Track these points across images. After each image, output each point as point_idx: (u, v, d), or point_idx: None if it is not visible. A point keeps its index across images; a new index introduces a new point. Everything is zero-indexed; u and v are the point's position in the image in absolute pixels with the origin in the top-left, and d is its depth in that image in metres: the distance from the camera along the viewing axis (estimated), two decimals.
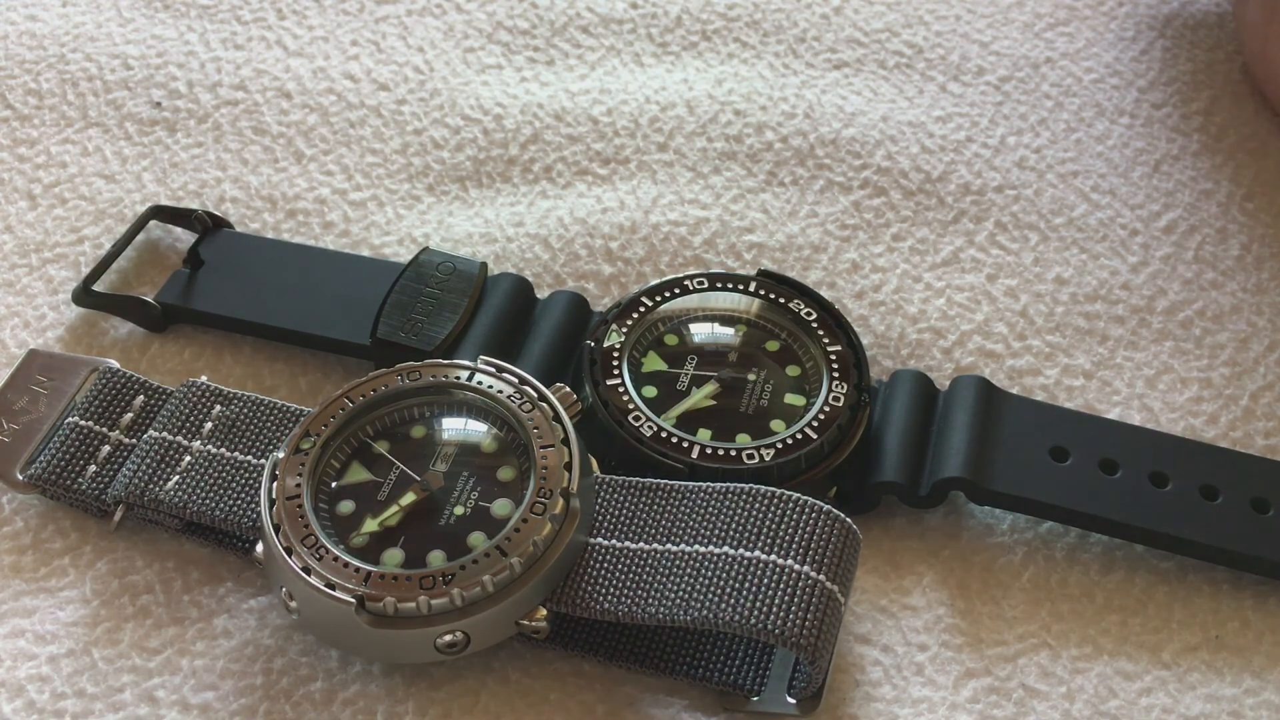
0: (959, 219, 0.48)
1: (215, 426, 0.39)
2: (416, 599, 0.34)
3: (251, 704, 0.36)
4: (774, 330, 0.43)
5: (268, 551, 0.36)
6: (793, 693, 0.36)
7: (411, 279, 0.44)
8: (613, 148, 0.50)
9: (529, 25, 0.54)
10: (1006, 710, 0.37)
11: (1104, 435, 0.41)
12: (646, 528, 0.37)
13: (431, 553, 0.36)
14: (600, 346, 0.41)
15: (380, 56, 0.53)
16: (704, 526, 0.36)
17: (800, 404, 0.41)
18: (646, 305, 0.43)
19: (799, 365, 0.42)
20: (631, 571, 0.36)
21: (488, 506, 0.37)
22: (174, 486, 0.38)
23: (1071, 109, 0.52)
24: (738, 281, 0.43)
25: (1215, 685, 0.37)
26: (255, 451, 0.39)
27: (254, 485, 0.38)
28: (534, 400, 0.38)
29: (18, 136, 0.51)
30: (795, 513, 0.36)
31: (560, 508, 0.36)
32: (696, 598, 0.35)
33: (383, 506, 0.37)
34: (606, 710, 0.37)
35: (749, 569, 0.35)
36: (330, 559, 0.35)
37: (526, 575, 0.35)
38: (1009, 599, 0.39)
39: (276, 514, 0.36)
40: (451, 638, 0.35)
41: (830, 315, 0.43)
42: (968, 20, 0.55)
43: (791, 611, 0.34)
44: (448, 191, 0.49)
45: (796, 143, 0.50)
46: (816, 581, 0.35)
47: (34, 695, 0.37)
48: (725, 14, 0.55)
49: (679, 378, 0.41)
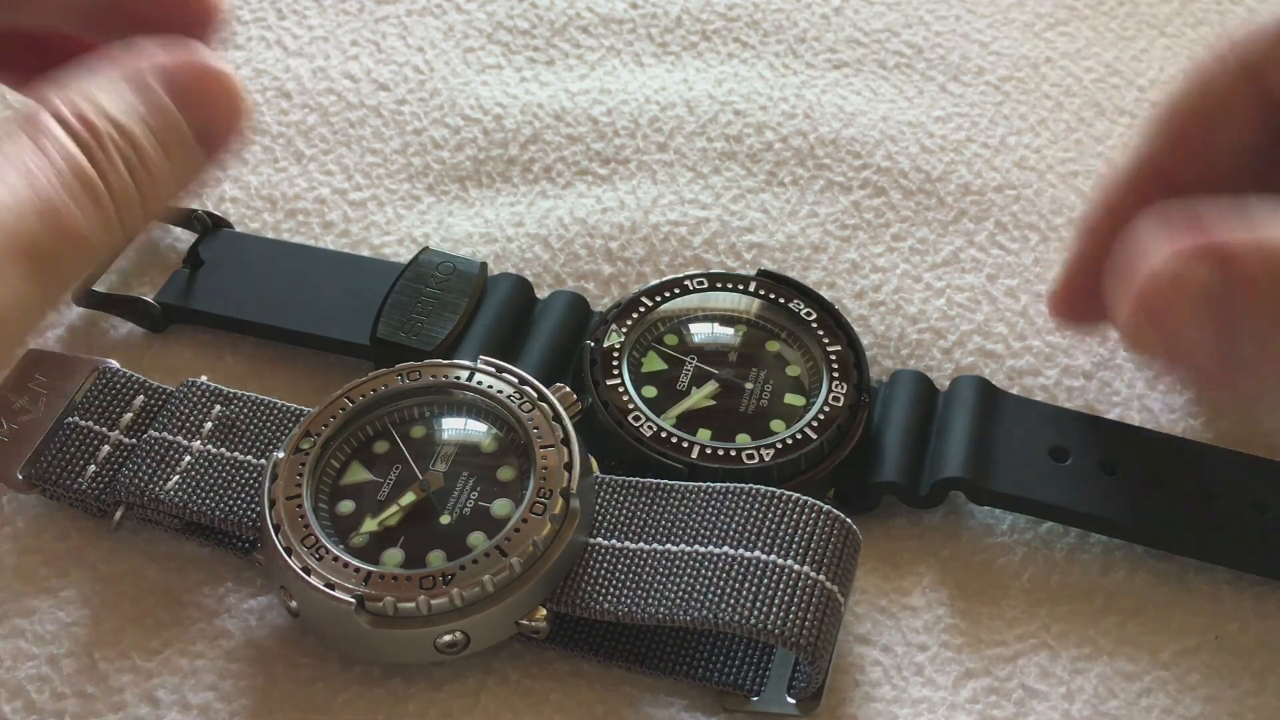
0: (959, 219, 0.48)
1: (215, 427, 0.39)
2: (416, 599, 0.35)
3: (252, 704, 0.36)
4: (774, 330, 0.43)
5: (268, 552, 0.36)
6: (793, 693, 0.36)
7: (411, 279, 0.44)
8: (613, 148, 0.50)
9: (529, 25, 0.54)
10: (1006, 710, 0.37)
11: (1104, 435, 0.41)
12: (646, 528, 0.37)
13: (431, 553, 0.36)
14: (600, 346, 0.41)
15: (380, 56, 0.53)
16: (704, 526, 0.36)
17: (800, 404, 0.41)
18: (646, 305, 0.43)
19: (799, 365, 0.42)
20: (631, 571, 0.36)
21: (487, 506, 0.37)
22: (174, 486, 0.38)
23: (1071, 109, 0.52)
24: (737, 281, 0.43)
25: (1215, 685, 0.37)
26: (255, 451, 0.39)
27: (254, 485, 0.38)
28: (534, 400, 0.38)
29: None
30: (795, 513, 0.36)
31: (560, 507, 0.36)
32: (696, 598, 0.35)
33: (382, 506, 0.37)
34: (606, 710, 0.37)
35: (749, 569, 0.35)
36: (330, 559, 0.35)
37: (526, 575, 0.35)
38: (1009, 599, 0.39)
39: (277, 514, 0.36)
40: (451, 638, 0.35)
41: (830, 315, 0.43)
42: (968, 20, 0.55)
43: (791, 611, 0.34)
44: (447, 191, 0.49)
45: (796, 143, 0.50)
46: (816, 581, 0.35)
47: (34, 695, 0.37)
48: (725, 14, 0.55)
49: (679, 378, 0.41)
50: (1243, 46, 0.38)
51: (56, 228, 0.32)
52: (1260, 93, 0.38)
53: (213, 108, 0.36)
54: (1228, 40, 0.39)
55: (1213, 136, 0.39)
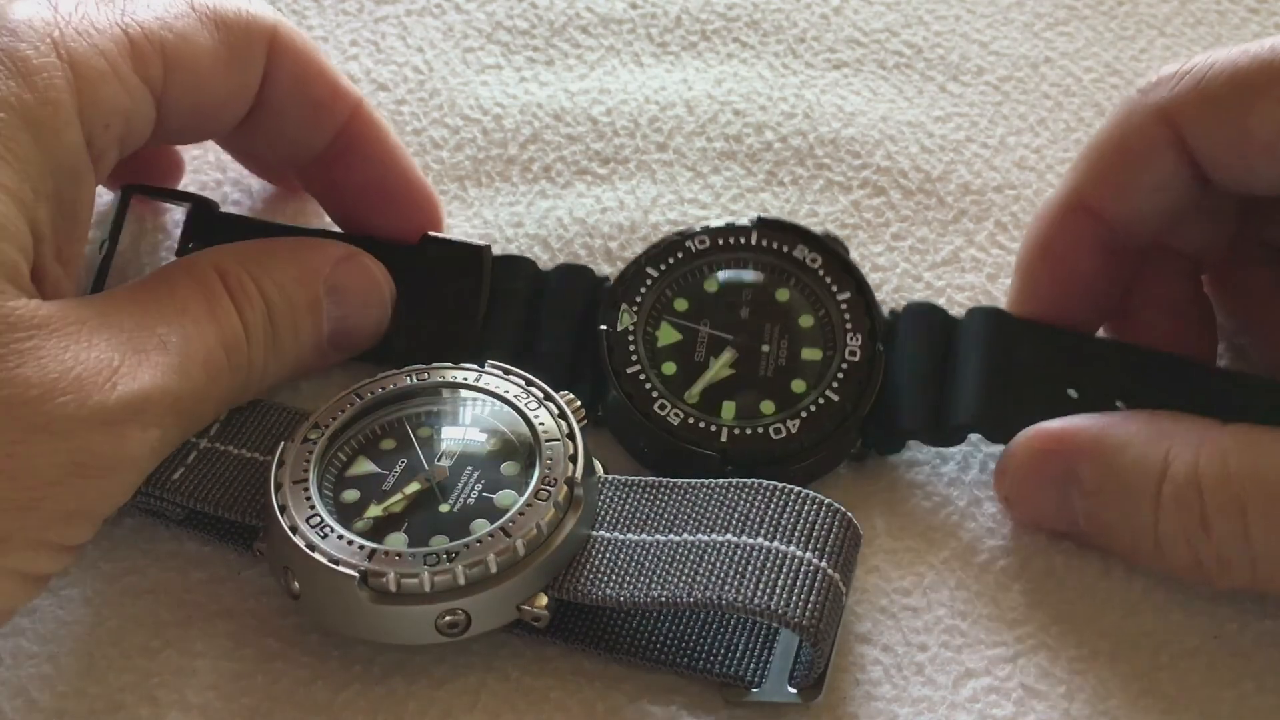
0: (959, 218, 0.48)
1: (222, 427, 0.39)
2: (420, 575, 0.35)
3: (252, 704, 0.36)
4: (782, 279, 0.43)
5: (271, 534, 0.36)
6: (793, 683, 0.36)
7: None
8: (612, 147, 0.50)
9: (528, 25, 0.54)
10: (1006, 710, 0.37)
11: (1120, 364, 0.41)
12: (649, 521, 0.37)
13: (434, 537, 0.36)
14: (615, 331, 0.42)
15: (379, 56, 0.53)
16: (706, 518, 0.37)
17: (817, 357, 0.42)
18: (653, 276, 0.43)
19: (811, 314, 0.42)
20: (634, 559, 0.36)
21: (491, 497, 0.37)
22: (180, 478, 0.38)
23: (1071, 109, 0.52)
24: (738, 234, 0.43)
25: (1215, 686, 0.37)
26: (262, 449, 0.39)
27: (259, 479, 0.38)
28: (540, 400, 0.38)
29: None
30: (797, 504, 0.37)
31: (564, 495, 0.36)
32: (700, 580, 0.35)
33: (387, 495, 0.37)
34: (606, 708, 0.37)
35: (752, 554, 0.36)
36: (335, 537, 0.36)
37: (529, 558, 0.35)
38: (1009, 599, 0.39)
39: (282, 496, 0.36)
40: (452, 617, 0.35)
41: (836, 259, 0.43)
42: (967, 20, 0.55)
43: (795, 594, 0.35)
44: (446, 191, 0.49)
45: (796, 142, 0.50)
46: (819, 568, 0.35)
47: (35, 694, 0.37)
48: (725, 14, 0.55)
49: (695, 348, 0.42)
50: (1166, 88, 0.39)
51: (204, 391, 0.37)
52: (1178, 139, 0.39)
53: (361, 314, 0.41)
54: (1150, 82, 0.40)
55: (1134, 176, 0.40)
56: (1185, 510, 0.36)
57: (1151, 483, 0.37)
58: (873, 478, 0.42)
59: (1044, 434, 0.39)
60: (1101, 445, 0.38)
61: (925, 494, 0.41)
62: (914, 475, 0.42)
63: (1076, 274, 0.42)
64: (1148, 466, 0.37)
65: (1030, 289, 0.42)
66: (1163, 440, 0.37)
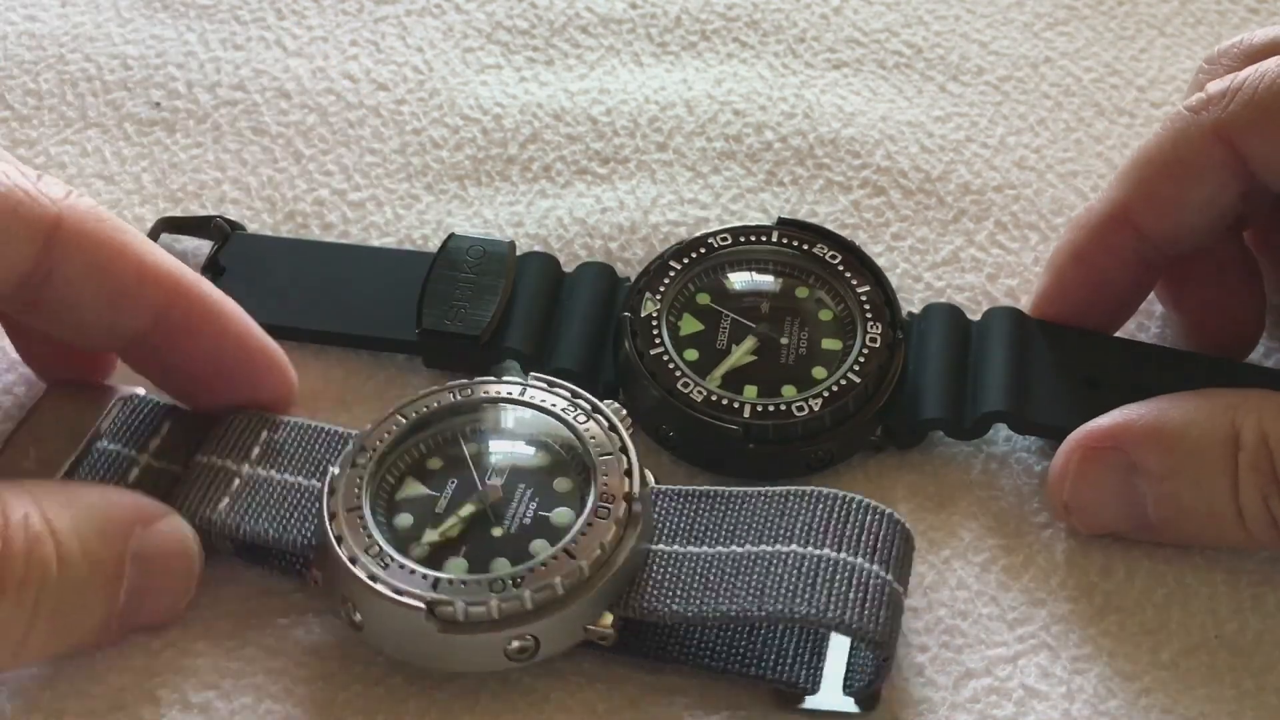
0: (959, 218, 0.48)
1: (263, 451, 0.38)
2: (487, 603, 0.34)
3: (252, 703, 0.36)
4: (802, 277, 0.43)
5: (329, 565, 0.36)
6: (849, 692, 0.36)
7: (445, 266, 0.44)
8: (612, 147, 0.50)
9: (528, 25, 0.54)
10: (1007, 710, 0.37)
11: (1136, 361, 0.42)
12: (708, 532, 0.37)
13: (495, 560, 0.36)
14: (639, 316, 0.42)
15: (379, 56, 0.53)
16: (767, 528, 0.36)
17: (837, 347, 0.42)
18: (675, 269, 0.43)
19: (830, 309, 0.43)
20: (698, 574, 0.36)
21: (547, 515, 0.36)
22: (225, 509, 0.37)
23: (1071, 109, 0.52)
24: (760, 233, 0.44)
25: (1215, 685, 0.37)
26: (305, 473, 0.38)
27: (306, 506, 0.37)
28: (588, 412, 0.38)
29: (17, 137, 0.51)
30: (859, 514, 0.36)
31: (624, 512, 0.36)
32: (769, 593, 0.35)
33: (441, 519, 0.37)
34: (608, 709, 0.37)
35: (819, 565, 0.35)
36: (396, 566, 0.35)
37: (594, 578, 0.35)
38: (1009, 599, 0.39)
39: (338, 526, 0.36)
40: (521, 643, 0.35)
41: (855, 256, 0.44)
42: (967, 20, 0.55)
43: (866, 606, 0.35)
44: (446, 191, 0.49)
45: (796, 142, 0.50)
46: (885, 580, 0.35)
47: (35, 694, 0.36)
48: (725, 14, 0.55)
49: (717, 337, 0.42)
50: (1219, 107, 0.39)
51: None
52: (1233, 156, 0.39)
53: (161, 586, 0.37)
54: (1205, 97, 0.40)
55: (1184, 193, 0.40)
56: (1263, 475, 0.36)
57: (1227, 454, 0.37)
58: (873, 479, 0.42)
59: (1097, 431, 0.38)
60: (1162, 429, 0.38)
61: (926, 495, 0.41)
62: (915, 477, 0.42)
63: (1108, 282, 0.42)
64: (1218, 439, 0.37)
65: (1059, 292, 0.43)
66: (1225, 412, 0.37)
